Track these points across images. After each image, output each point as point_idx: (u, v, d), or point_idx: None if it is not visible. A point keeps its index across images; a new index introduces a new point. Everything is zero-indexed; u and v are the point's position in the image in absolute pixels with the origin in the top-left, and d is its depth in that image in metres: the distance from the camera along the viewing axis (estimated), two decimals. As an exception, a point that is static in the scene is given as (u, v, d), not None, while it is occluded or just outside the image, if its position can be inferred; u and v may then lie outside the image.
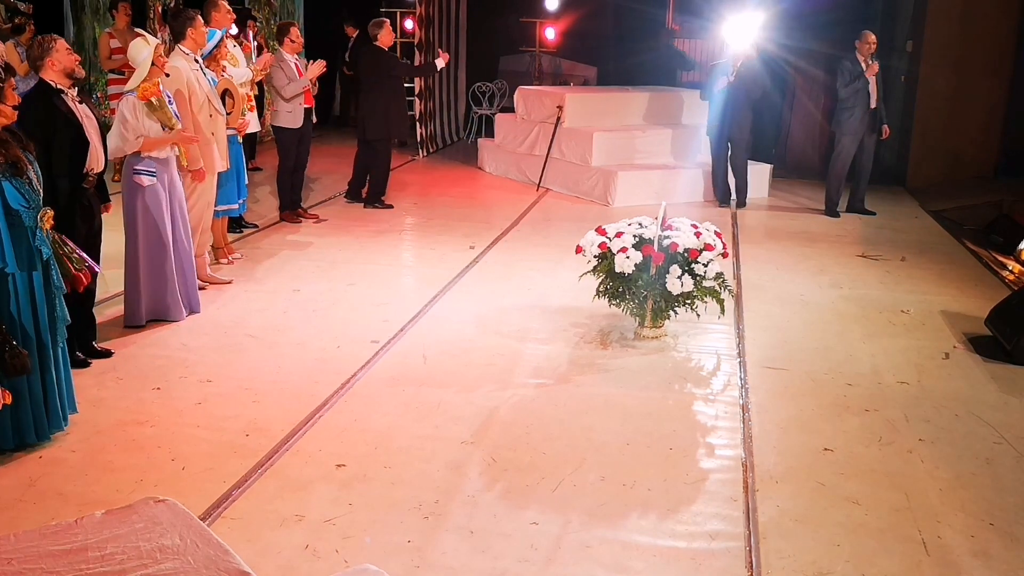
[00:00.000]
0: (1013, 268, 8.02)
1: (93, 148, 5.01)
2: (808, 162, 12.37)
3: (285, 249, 7.90)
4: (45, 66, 4.85)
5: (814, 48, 11.69)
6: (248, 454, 4.25)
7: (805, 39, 11.75)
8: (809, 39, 11.69)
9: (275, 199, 9.05)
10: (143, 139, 5.57)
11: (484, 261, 7.74)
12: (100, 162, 5.13)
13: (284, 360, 5.43)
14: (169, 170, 5.80)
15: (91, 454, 4.23)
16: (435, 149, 13.39)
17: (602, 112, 11.27)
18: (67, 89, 4.92)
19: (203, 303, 6.24)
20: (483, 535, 3.69)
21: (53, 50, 4.85)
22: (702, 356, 5.74)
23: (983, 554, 3.69)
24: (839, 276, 7.60)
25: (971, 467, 4.41)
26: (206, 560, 2.73)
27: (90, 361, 5.22)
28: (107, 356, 5.31)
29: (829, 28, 11.52)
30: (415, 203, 10.02)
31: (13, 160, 4.00)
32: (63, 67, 4.87)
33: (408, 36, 14.01)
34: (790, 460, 4.41)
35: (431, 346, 5.73)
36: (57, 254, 4.28)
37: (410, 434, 4.54)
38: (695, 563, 3.57)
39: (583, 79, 15.22)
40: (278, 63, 8.36)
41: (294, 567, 3.44)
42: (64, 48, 4.88)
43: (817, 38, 11.59)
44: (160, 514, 2.94)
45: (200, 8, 6.95)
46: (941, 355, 5.88)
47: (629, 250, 5.69)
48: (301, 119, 8.49)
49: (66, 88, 4.91)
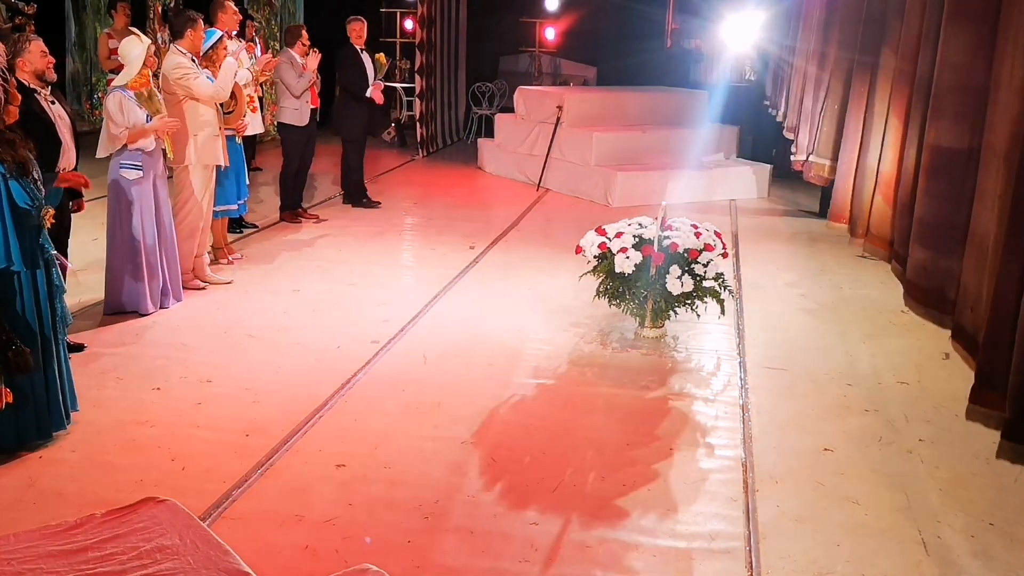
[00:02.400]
0: (1013, 268, 8.01)
1: (65, 147, 5.10)
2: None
3: (285, 249, 7.90)
4: (17, 66, 4.90)
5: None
6: (248, 454, 4.25)
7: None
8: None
9: (275, 199, 9.04)
10: (126, 132, 5.66)
11: (484, 261, 7.74)
12: (72, 161, 5.21)
13: (284, 360, 5.43)
14: (156, 165, 5.89)
15: (91, 454, 4.23)
16: (435, 149, 13.38)
17: (602, 112, 11.28)
18: (40, 89, 4.97)
19: (203, 303, 6.25)
20: (483, 535, 3.69)
21: (26, 51, 4.93)
22: (702, 356, 5.74)
23: (983, 554, 3.68)
24: (839, 276, 7.60)
25: (971, 467, 4.40)
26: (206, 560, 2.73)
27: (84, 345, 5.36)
28: (79, 350, 5.33)
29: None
30: (415, 203, 10.02)
31: (21, 160, 4.03)
32: (34, 68, 4.96)
33: (408, 36, 14.01)
34: (790, 460, 4.41)
35: (431, 346, 5.73)
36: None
37: (410, 434, 4.54)
38: (695, 563, 3.57)
39: (583, 79, 15.22)
40: (288, 61, 8.39)
41: (294, 567, 3.44)
42: (38, 50, 4.95)
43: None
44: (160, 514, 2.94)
45: (199, 8, 6.95)
46: (941, 355, 5.87)
47: (629, 250, 5.69)
48: (307, 118, 8.52)
49: (39, 88, 4.96)
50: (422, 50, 12.62)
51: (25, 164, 4.05)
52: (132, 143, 5.71)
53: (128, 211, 5.80)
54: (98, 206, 6.54)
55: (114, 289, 5.96)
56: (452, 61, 14.06)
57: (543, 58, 15.33)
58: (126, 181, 5.77)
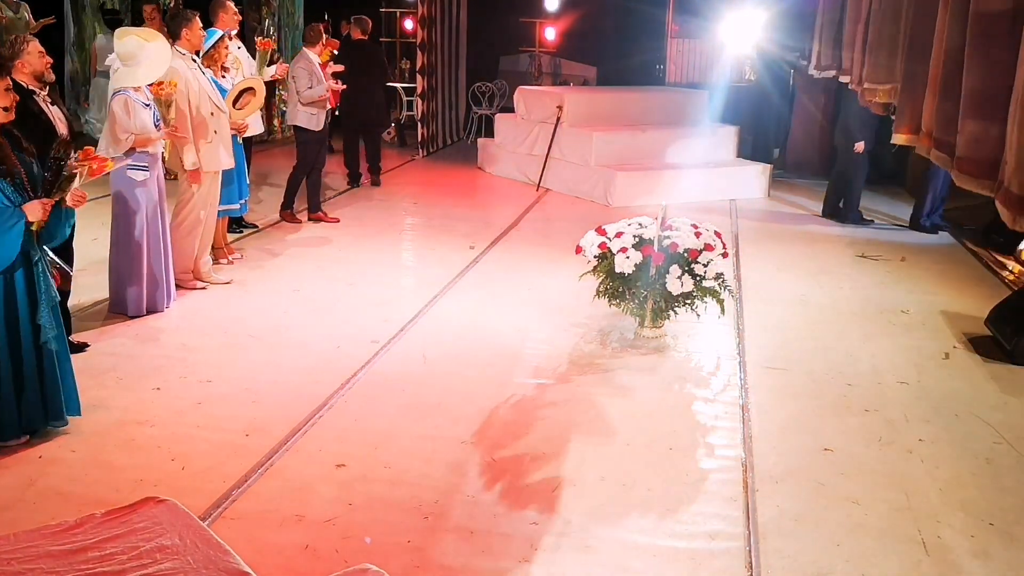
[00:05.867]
0: (1013, 268, 8.02)
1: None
2: (808, 162, 12.37)
3: (285, 249, 7.90)
4: (15, 67, 4.90)
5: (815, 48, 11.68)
6: (248, 454, 4.25)
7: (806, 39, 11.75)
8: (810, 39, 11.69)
9: (276, 199, 9.04)
10: (132, 136, 5.63)
11: (484, 261, 7.74)
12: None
13: (284, 360, 5.43)
14: (157, 166, 5.91)
15: (91, 454, 4.23)
16: (435, 149, 13.38)
17: (602, 112, 11.27)
18: (38, 90, 4.97)
19: (203, 303, 6.26)
20: (483, 535, 3.69)
21: (24, 52, 4.94)
22: (702, 356, 5.74)
23: (983, 554, 3.69)
24: (839, 276, 7.60)
25: (971, 467, 4.41)
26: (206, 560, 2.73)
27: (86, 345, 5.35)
28: (82, 350, 5.33)
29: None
30: (415, 203, 10.03)
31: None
32: (32, 69, 4.96)
33: (408, 36, 14.02)
34: (790, 460, 4.41)
35: (431, 346, 5.73)
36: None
37: (410, 434, 4.54)
38: (695, 563, 3.57)
39: (583, 79, 15.22)
40: (304, 64, 8.38)
41: (294, 567, 3.44)
42: (36, 51, 4.96)
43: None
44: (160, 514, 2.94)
45: (199, 9, 6.95)
46: (941, 355, 5.87)
47: (629, 250, 5.68)
48: (323, 122, 8.51)
49: (37, 89, 4.97)
50: (423, 50, 12.62)
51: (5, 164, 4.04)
52: (140, 147, 5.68)
53: (133, 212, 5.77)
54: (98, 206, 6.54)
55: (118, 290, 5.95)
56: (452, 61, 14.05)
57: (543, 58, 15.33)
58: (131, 182, 5.73)
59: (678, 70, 14.10)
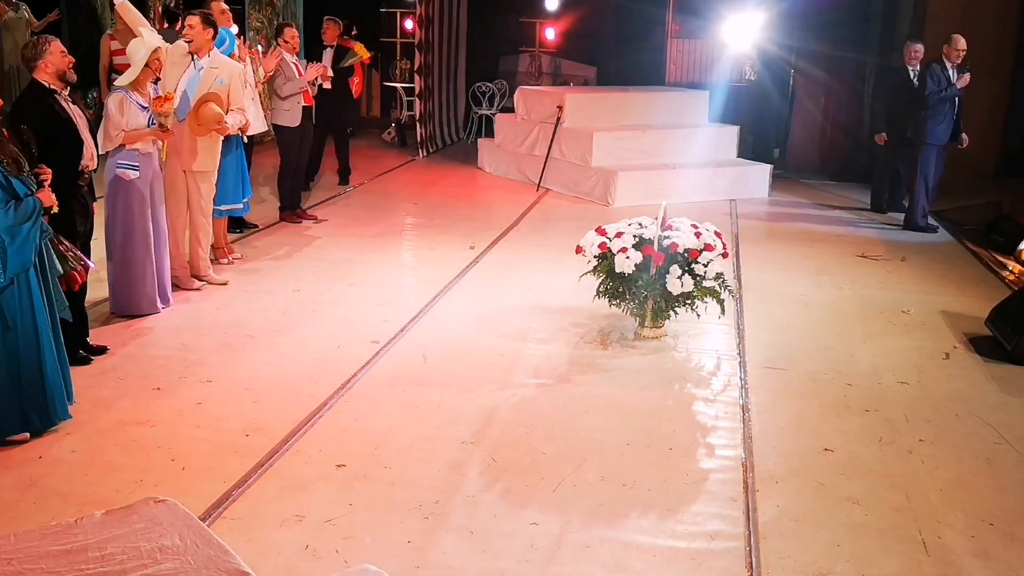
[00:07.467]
0: (1013, 268, 8.02)
1: (88, 147, 5.11)
2: (808, 162, 12.37)
3: (285, 249, 7.89)
4: (38, 67, 4.92)
5: (814, 48, 11.69)
6: (248, 454, 4.25)
7: (805, 39, 11.76)
8: (810, 39, 11.70)
9: (275, 199, 9.04)
10: (123, 134, 5.65)
11: (484, 261, 7.74)
12: (95, 160, 5.22)
13: (284, 360, 5.43)
14: (152, 165, 5.89)
15: (91, 454, 4.23)
16: (435, 149, 13.38)
17: (602, 112, 11.27)
18: (60, 90, 4.98)
19: (203, 303, 6.25)
20: (483, 535, 3.69)
21: (47, 52, 4.92)
22: (702, 356, 5.74)
23: (983, 554, 3.69)
24: (839, 276, 7.60)
25: (971, 467, 4.41)
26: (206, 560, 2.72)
27: (92, 358, 5.25)
28: (103, 352, 5.33)
29: (829, 28, 11.52)
30: (415, 203, 10.02)
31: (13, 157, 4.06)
32: (56, 69, 4.95)
33: (408, 36, 14.01)
34: (790, 460, 4.41)
35: (431, 346, 5.73)
36: (58, 251, 4.35)
37: (410, 434, 4.54)
38: (695, 563, 3.57)
39: (583, 79, 15.21)
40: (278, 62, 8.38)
41: (294, 567, 3.44)
42: (59, 50, 4.95)
43: (817, 38, 11.59)
44: (160, 514, 2.94)
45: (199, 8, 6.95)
46: (941, 355, 5.87)
47: (629, 250, 5.68)
48: (299, 118, 8.49)
49: (59, 89, 4.97)
50: (421, 50, 12.62)
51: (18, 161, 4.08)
52: (130, 144, 5.70)
53: (125, 212, 5.77)
54: (98, 206, 6.52)
55: (117, 290, 5.94)
56: (452, 61, 14.05)
57: (543, 58, 15.32)
58: (123, 182, 5.75)
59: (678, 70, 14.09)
